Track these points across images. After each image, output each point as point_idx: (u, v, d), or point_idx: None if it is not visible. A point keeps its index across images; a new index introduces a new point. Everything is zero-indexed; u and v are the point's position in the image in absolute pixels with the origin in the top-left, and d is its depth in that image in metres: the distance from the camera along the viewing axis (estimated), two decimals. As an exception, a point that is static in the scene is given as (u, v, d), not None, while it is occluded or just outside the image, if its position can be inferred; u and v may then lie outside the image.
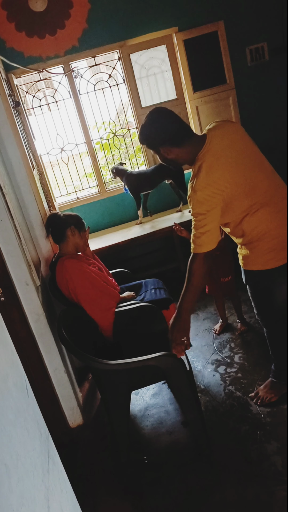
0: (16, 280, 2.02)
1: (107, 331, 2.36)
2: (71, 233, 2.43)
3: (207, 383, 2.45)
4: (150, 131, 1.76)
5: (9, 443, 0.84)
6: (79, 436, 2.37)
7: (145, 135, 1.79)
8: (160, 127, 1.74)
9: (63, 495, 1.16)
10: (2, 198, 1.92)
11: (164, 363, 1.83)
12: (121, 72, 3.69)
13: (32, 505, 0.85)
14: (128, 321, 2.33)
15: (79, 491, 1.45)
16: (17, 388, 1.03)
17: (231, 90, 3.74)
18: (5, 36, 3.31)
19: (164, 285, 2.76)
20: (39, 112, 3.70)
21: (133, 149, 4.42)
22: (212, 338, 2.85)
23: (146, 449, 2.14)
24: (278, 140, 3.97)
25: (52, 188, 3.69)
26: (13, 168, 2.42)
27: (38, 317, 2.16)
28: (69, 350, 1.95)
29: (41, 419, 1.18)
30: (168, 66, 3.70)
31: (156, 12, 3.50)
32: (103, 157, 4.49)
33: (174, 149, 1.75)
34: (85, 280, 2.34)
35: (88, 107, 3.82)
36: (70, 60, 3.50)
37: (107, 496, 1.94)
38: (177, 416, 2.29)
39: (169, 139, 1.73)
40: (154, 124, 1.75)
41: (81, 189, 4.00)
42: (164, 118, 1.76)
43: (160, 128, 1.74)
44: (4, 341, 1.07)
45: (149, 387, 2.57)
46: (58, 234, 2.45)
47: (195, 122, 3.76)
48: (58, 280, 2.35)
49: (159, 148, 1.78)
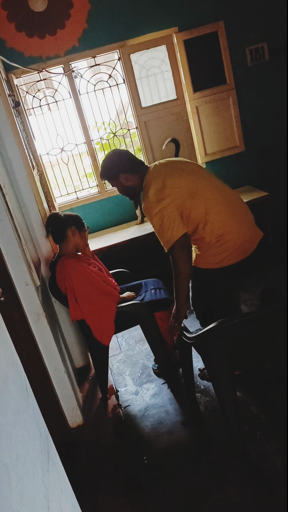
0: (16, 280, 2.02)
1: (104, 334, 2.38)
2: (71, 233, 2.44)
3: (207, 384, 2.46)
4: (113, 162, 2.13)
5: (9, 443, 0.84)
6: (79, 436, 2.37)
7: (108, 167, 2.14)
8: (121, 158, 2.14)
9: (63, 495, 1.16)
10: (2, 198, 1.92)
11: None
12: (121, 72, 3.69)
13: (32, 505, 0.85)
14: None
15: (79, 491, 1.45)
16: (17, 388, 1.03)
17: (231, 90, 3.74)
18: (5, 36, 3.31)
19: (164, 285, 2.76)
20: (39, 112, 3.70)
21: (133, 149, 4.42)
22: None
23: (146, 449, 2.14)
24: (278, 140, 3.98)
25: (52, 188, 3.69)
26: (13, 168, 2.42)
27: (38, 317, 2.16)
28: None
29: (41, 419, 1.18)
30: (168, 66, 3.70)
31: (156, 12, 3.50)
32: (103, 157, 4.48)
33: (131, 176, 2.11)
34: (85, 280, 2.35)
35: (88, 107, 3.82)
36: (70, 60, 3.50)
37: (107, 496, 1.94)
38: (177, 416, 2.29)
39: (128, 167, 2.11)
40: (115, 157, 2.15)
41: (81, 189, 4.00)
42: (123, 154, 2.16)
43: (121, 159, 2.13)
44: (4, 341, 1.07)
45: (149, 387, 2.58)
46: (59, 234, 2.45)
47: (195, 122, 3.76)
48: (58, 280, 2.36)
49: (119, 176, 2.12)
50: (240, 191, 3.83)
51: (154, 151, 3.80)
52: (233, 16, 3.60)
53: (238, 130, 3.83)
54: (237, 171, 3.96)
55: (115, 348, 3.11)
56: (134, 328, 2.67)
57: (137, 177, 2.11)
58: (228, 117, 3.79)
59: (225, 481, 1.82)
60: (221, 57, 3.66)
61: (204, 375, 2.51)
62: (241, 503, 1.71)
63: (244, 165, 3.97)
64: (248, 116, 3.85)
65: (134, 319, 2.50)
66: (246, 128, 3.87)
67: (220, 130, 3.81)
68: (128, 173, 2.11)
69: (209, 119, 3.77)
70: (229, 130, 3.83)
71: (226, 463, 1.91)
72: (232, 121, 3.81)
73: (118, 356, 3.01)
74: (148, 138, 3.78)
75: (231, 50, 3.65)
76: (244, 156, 3.93)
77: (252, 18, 3.65)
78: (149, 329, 2.48)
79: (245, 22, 3.65)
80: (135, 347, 3.07)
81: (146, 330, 2.49)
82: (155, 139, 3.77)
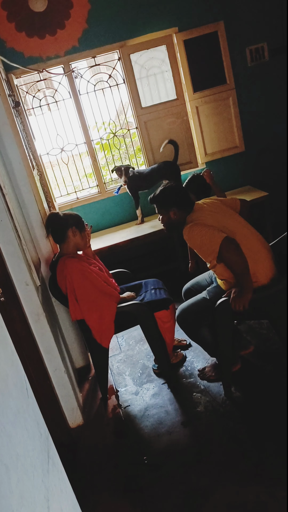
0: (16, 280, 2.02)
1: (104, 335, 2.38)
2: (72, 233, 2.43)
3: (207, 384, 2.46)
4: (172, 194, 2.28)
5: (9, 443, 0.84)
6: (79, 436, 2.37)
7: (166, 196, 2.28)
8: (180, 194, 2.31)
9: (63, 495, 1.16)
10: (2, 198, 1.92)
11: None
12: (121, 72, 3.69)
13: (32, 505, 0.85)
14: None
15: (79, 491, 1.45)
16: (17, 388, 1.03)
17: (231, 90, 3.74)
18: (5, 36, 3.31)
19: (164, 285, 2.76)
20: (39, 112, 3.70)
21: (133, 149, 4.42)
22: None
23: (146, 449, 2.14)
24: (278, 140, 3.98)
25: (52, 188, 3.69)
26: (13, 168, 2.42)
27: (38, 317, 2.16)
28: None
29: (41, 419, 1.18)
30: (168, 66, 3.70)
31: (156, 12, 3.50)
32: (103, 157, 4.48)
33: (180, 212, 2.26)
34: (85, 280, 2.34)
35: (88, 107, 3.81)
36: (70, 60, 3.50)
37: (107, 496, 1.94)
38: (177, 416, 2.29)
39: (181, 204, 2.27)
40: (177, 190, 2.31)
41: (81, 189, 4.00)
42: (183, 191, 2.35)
43: (180, 194, 2.30)
44: (4, 341, 1.07)
45: (149, 387, 2.58)
46: (59, 235, 2.44)
47: (195, 122, 3.76)
48: (58, 280, 2.35)
49: (170, 209, 2.27)
50: (240, 191, 3.83)
51: (154, 151, 3.80)
52: (233, 16, 3.60)
53: (238, 130, 3.83)
54: (237, 171, 3.96)
55: (115, 348, 3.11)
56: (134, 328, 2.67)
57: (184, 215, 2.26)
58: (228, 117, 3.79)
59: (225, 481, 1.82)
60: (221, 57, 3.66)
61: (204, 375, 2.51)
62: (241, 503, 1.71)
63: (244, 165, 3.97)
64: (248, 116, 3.85)
65: (134, 319, 2.50)
66: (246, 128, 3.87)
67: (220, 130, 3.81)
68: (180, 209, 2.26)
69: (209, 119, 3.77)
70: (229, 130, 3.83)
71: (226, 463, 1.91)
72: (232, 121, 3.81)
73: (118, 356, 3.01)
74: (148, 138, 3.78)
75: (231, 50, 3.65)
76: (244, 156, 3.93)
77: (252, 18, 3.65)
78: (149, 329, 2.48)
79: (245, 22, 3.65)
80: (135, 347, 3.07)
81: (146, 330, 2.49)
82: (155, 139, 3.78)
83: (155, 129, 3.77)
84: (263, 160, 3.99)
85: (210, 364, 2.55)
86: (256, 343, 2.65)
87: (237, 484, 1.79)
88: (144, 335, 2.54)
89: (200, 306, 2.29)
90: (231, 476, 1.84)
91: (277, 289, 2.12)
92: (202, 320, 2.31)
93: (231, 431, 2.07)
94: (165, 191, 2.31)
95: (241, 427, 2.08)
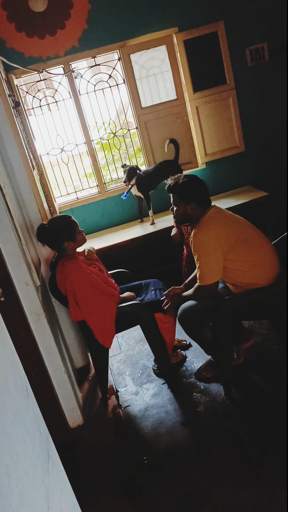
0: (16, 280, 2.02)
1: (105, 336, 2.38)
2: (67, 244, 2.42)
3: (207, 384, 2.45)
4: (194, 188, 2.19)
5: (9, 443, 0.84)
6: (79, 436, 2.37)
7: (187, 189, 2.19)
8: (201, 189, 2.21)
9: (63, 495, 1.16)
10: (2, 198, 1.92)
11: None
12: (121, 72, 3.69)
13: (32, 505, 0.85)
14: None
15: (79, 491, 1.45)
16: (17, 388, 1.03)
17: (231, 90, 3.74)
18: (5, 36, 3.31)
19: (164, 286, 2.76)
20: (39, 113, 3.70)
21: (133, 150, 4.42)
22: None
23: (146, 449, 2.14)
24: (278, 140, 3.98)
25: (52, 188, 3.69)
26: (13, 168, 2.42)
27: (38, 317, 2.16)
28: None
29: (41, 419, 1.18)
30: (168, 67, 3.70)
31: (156, 12, 3.50)
32: (103, 158, 4.48)
33: (197, 209, 2.18)
34: (85, 281, 2.34)
35: (88, 107, 3.81)
36: (70, 60, 3.50)
37: (107, 496, 1.94)
38: (177, 416, 2.29)
39: (200, 200, 2.18)
40: (198, 184, 2.21)
41: (81, 189, 3.99)
42: (204, 187, 2.24)
43: (201, 189, 2.21)
44: (4, 341, 1.07)
45: (149, 387, 2.58)
46: (55, 247, 2.46)
47: (195, 122, 3.76)
48: (58, 281, 2.35)
49: (188, 203, 2.18)
50: (240, 191, 3.83)
51: (154, 151, 3.80)
52: (233, 16, 3.60)
53: (238, 130, 3.83)
54: (237, 171, 3.96)
55: (115, 348, 3.11)
56: (134, 328, 2.67)
57: (200, 213, 2.19)
58: (228, 117, 3.79)
59: (225, 481, 1.82)
60: (221, 57, 3.65)
61: (199, 375, 2.51)
62: (241, 503, 1.71)
63: (244, 165, 3.97)
64: (248, 116, 3.85)
65: (134, 319, 2.50)
66: (246, 128, 3.87)
67: (220, 130, 3.81)
68: (198, 206, 2.18)
69: (209, 119, 3.77)
70: (229, 130, 3.83)
71: (226, 463, 1.91)
72: (232, 121, 3.81)
73: (118, 356, 3.01)
74: (148, 138, 3.78)
75: (231, 50, 3.65)
76: (244, 156, 3.93)
77: (252, 18, 3.64)
78: (149, 330, 2.48)
79: (245, 22, 3.65)
80: (135, 347, 3.07)
81: (146, 330, 2.49)
82: (155, 139, 3.78)
83: (155, 129, 3.77)
84: (263, 160, 3.99)
85: (204, 363, 2.57)
86: (256, 343, 2.65)
87: (237, 484, 1.79)
88: (144, 335, 2.54)
89: (204, 306, 2.29)
90: (231, 476, 1.84)
91: (279, 288, 2.12)
92: (205, 320, 2.30)
93: (231, 431, 2.07)
94: (188, 182, 2.20)
95: (241, 427, 2.08)
